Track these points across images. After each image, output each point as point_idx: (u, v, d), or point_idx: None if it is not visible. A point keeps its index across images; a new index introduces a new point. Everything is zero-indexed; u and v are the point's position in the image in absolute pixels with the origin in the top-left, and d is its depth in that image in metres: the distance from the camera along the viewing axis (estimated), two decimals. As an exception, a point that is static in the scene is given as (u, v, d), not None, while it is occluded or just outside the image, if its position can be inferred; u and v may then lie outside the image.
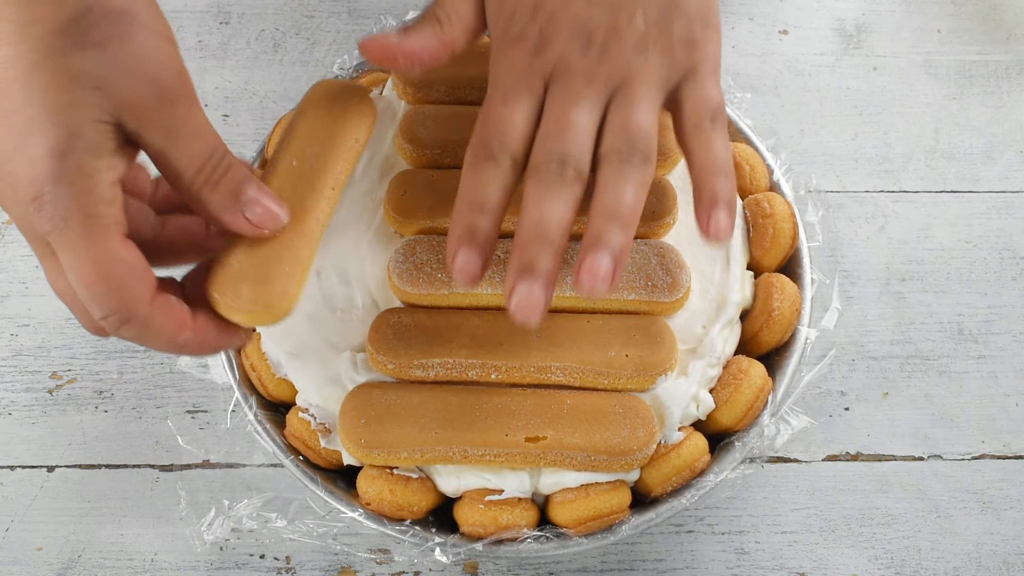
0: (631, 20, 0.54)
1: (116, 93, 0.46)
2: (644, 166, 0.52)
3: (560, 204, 0.51)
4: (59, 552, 0.64)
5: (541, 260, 0.50)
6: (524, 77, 0.54)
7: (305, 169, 0.55)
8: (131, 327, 0.46)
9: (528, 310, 0.50)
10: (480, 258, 0.51)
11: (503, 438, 0.54)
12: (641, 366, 0.55)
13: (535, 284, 0.49)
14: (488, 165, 0.52)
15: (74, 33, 0.45)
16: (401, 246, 0.58)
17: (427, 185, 0.60)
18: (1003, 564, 0.65)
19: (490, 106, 0.54)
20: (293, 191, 0.54)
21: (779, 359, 0.61)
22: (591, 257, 0.50)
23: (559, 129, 0.52)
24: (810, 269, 0.63)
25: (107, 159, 0.46)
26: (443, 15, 0.56)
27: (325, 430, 0.57)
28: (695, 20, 0.55)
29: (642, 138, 0.52)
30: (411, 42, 0.55)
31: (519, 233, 0.51)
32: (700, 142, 0.53)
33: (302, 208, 0.53)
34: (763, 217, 0.62)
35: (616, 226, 0.50)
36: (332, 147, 0.57)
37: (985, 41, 0.84)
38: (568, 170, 0.51)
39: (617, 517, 0.56)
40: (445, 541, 0.55)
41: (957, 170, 0.78)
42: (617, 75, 0.53)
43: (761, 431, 0.58)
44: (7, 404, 0.69)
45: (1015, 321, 0.73)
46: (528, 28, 0.55)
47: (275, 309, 0.50)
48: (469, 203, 0.52)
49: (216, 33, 0.83)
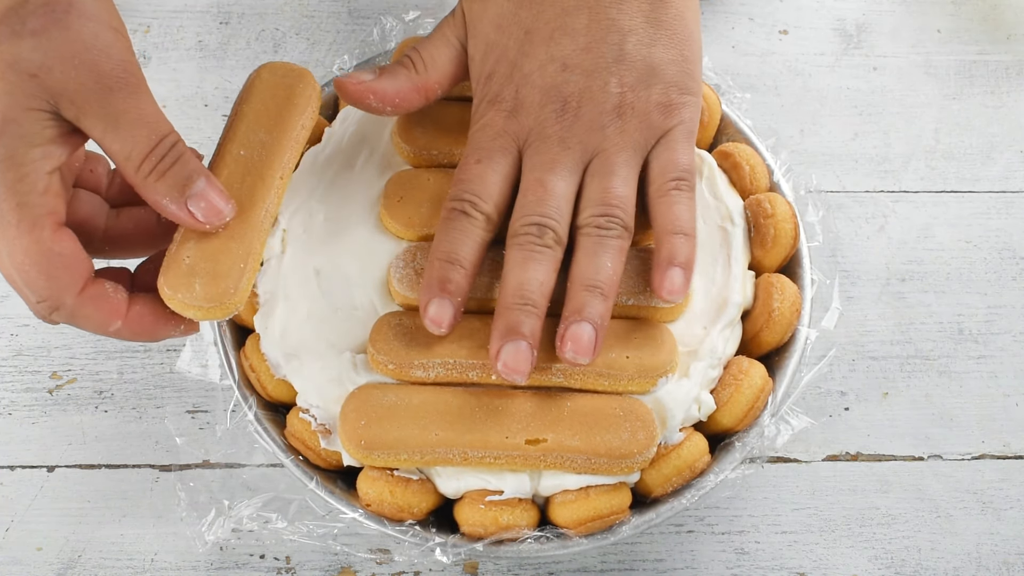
0: (606, 85, 0.54)
1: (52, 80, 0.46)
2: (622, 236, 0.54)
3: (541, 268, 0.53)
4: (59, 552, 0.64)
5: (525, 323, 0.52)
6: (498, 138, 0.55)
7: (253, 158, 0.55)
8: (60, 314, 0.48)
9: (515, 371, 0.52)
10: (452, 309, 0.53)
11: (503, 440, 0.54)
12: (642, 368, 0.55)
13: (520, 345, 0.51)
14: (462, 220, 0.54)
15: (11, 22, 0.45)
16: (402, 252, 0.58)
17: (424, 190, 0.60)
18: (1003, 564, 0.65)
19: (465, 165, 0.55)
20: (242, 182, 0.54)
21: (779, 359, 0.61)
22: (574, 327, 0.52)
23: (537, 197, 0.54)
24: (810, 269, 0.63)
25: (42, 147, 0.46)
26: (419, 61, 0.58)
27: (325, 431, 0.57)
28: (672, 87, 0.55)
29: (620, 208, 0.54)
30: (384, 84, 0.56)
31: (502, 297, 0.53)
32: (663, 204, 0.55)
33: (251, 200, 0.53)
34: (764, 217, 0.62)
35: (597, 296, 0.52)
36: (279, 134, 0.56)
37: (985, 41, 0.84)
38: (547, 236, 0.53)
39: (617, 517, 0.56)
40: (445, 541, 0.55)
41: (957, 170, 0.78)
42: (593, 142, 0.54)
43: (761, 431, 0.58)
44: (7, 404, 0.69)
45: (1015, 321, 0.73)
46: (504, 90, 0.56)
47: (227, 305, 0.51)
48: (442, 256, 0.53)
49: (216, 33, 0.83)
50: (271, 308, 0.59)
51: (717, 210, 0.63)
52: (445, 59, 0.58)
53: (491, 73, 0.56)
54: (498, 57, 0.56)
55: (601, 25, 0.54)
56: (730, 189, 0.64)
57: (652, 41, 0.55)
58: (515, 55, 0.56)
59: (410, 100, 0.57)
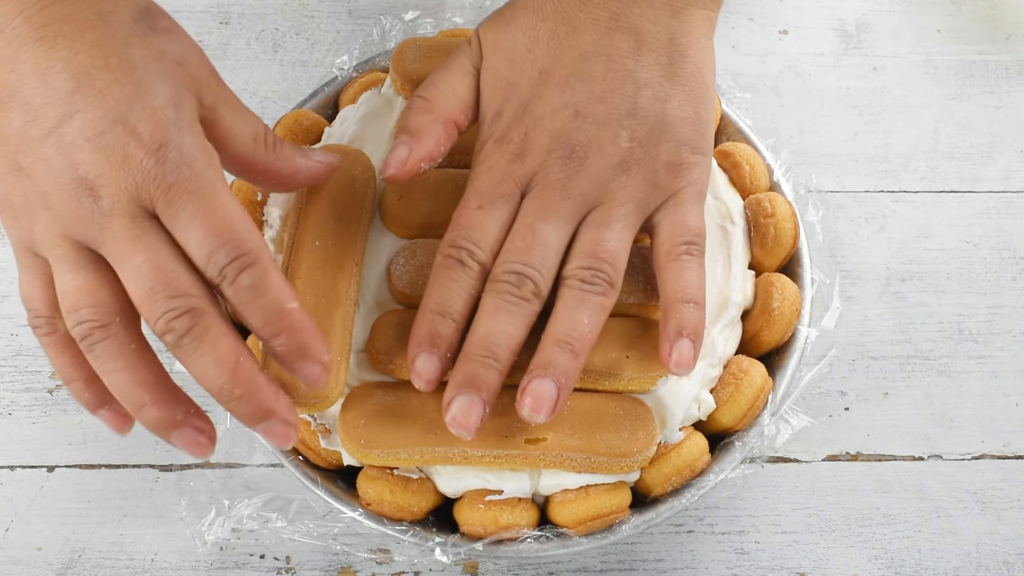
0: (616, 138, 0.53)
1: (193, 70, 0.49)
2: (606, 293, 0.52)
3: (513, 321, 0.51)
4: (59, 552, 0.64)
5: (484, 376, 0.50)
6: (501, 183, 0.53)
7: (329, 247, 0.56)
8: (255, 270, 0.46)
9: (462, 425, 0.50)
10: (439, 364, 0.51)
11: (503, 439, 0.54)
12: (642, 368, 0.55)
13: (474, 400, 0.50)
14: (457, 271, 0.52)
15: (146, 20, 0.49)
16: (402, 249, 0.58)
17: (424, 190, 0.60)
18: (1003, 564, 0.65)
19: (465, 208, 0.53)
20: (322, 273, 0.55)
21: (779, 359, 0.61)
22: (536, 382, 0.50)
23: (525, 244, 0.52)
24: (810, 269, 0.63)
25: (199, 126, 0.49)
26: (439, 96, 0.56)
27: (325, 430, 0.57)
28: (683, 145, 0.54)
29: (609, 263, 0.52)
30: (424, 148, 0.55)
31: (467, 345, 0.51)
32: (673, 269, 0.53)
33: (335, 292, 0.55)
34: (764, 217, 0.62)
35: (567, 353, 0.50)
36: (348, 220, 0.57)
37: (985, 41, 0.84)
38: (526, 287, 0.51)
39: (617, 517, 0.56)
40: (445, 541, 0.55)
41: (957, 170, 0.78)
42: (595, 193, 0.53)
43: (761, 431, 0.58)
44: (7, 404, 0.69)
45: (1015, 321, 0.73)
46: (513, 130, 0.54)
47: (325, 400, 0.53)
48: (434, 308, 0.52)
49: (216, 33, 0.83)
50: None
51: (717, 209, 0.63)
52: (465, 89, 0.56)
53: (500, 110, 0.55)
54: (508, 95, 0.55)
55: (618, 75, 0.53)
56: (730, 188, 0.64)
57: (667, 96, 0.53)
58: (527, 95, 0.54)
59: (451, 139, 0.56)
